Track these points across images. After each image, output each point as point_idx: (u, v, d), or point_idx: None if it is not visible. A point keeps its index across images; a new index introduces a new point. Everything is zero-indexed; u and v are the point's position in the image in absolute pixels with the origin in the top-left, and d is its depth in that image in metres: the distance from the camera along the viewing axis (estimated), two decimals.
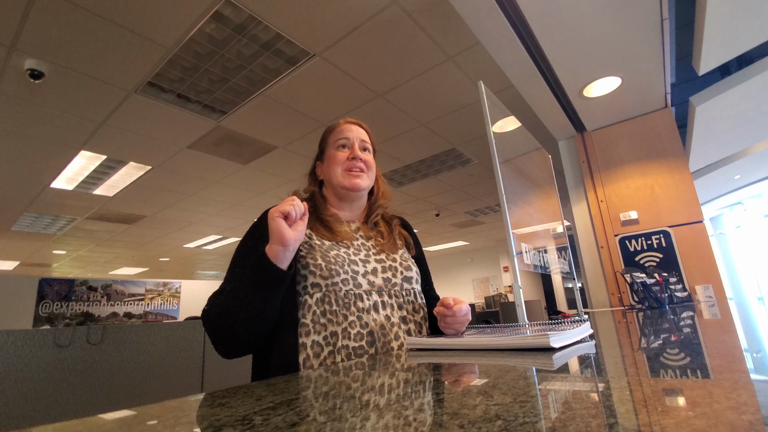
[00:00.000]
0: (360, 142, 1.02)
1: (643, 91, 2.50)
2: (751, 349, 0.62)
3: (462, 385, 0.44)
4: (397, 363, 0.64)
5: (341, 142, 1.01)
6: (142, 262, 9.06)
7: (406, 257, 1.01)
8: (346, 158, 0.99)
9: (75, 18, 2.07)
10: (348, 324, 0.83)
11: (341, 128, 1.03)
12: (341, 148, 1.01)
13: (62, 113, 2.91)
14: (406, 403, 0.36)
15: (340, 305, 0.84)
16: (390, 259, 0.97)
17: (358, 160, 0.98)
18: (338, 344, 0.80)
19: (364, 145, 1.03)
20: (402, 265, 0.97)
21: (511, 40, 1.98)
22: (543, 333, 0.60)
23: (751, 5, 1.80)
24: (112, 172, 4.02)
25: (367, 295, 0.87)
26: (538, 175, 1.87)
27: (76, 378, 1.67)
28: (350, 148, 1.00)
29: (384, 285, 0.91)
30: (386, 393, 0.41)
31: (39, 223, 5.59)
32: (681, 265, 2.44)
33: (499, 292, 9.88)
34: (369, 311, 0.86)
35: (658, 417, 0.27)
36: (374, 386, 0.46)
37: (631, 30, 1.94)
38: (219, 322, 0.77)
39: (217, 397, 0.44)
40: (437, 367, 0.56)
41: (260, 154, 3.88)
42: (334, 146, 1.01)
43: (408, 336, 0.88)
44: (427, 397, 0.38)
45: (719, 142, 3.68)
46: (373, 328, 0.84)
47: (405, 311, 0.92)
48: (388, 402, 0.37)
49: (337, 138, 1.02)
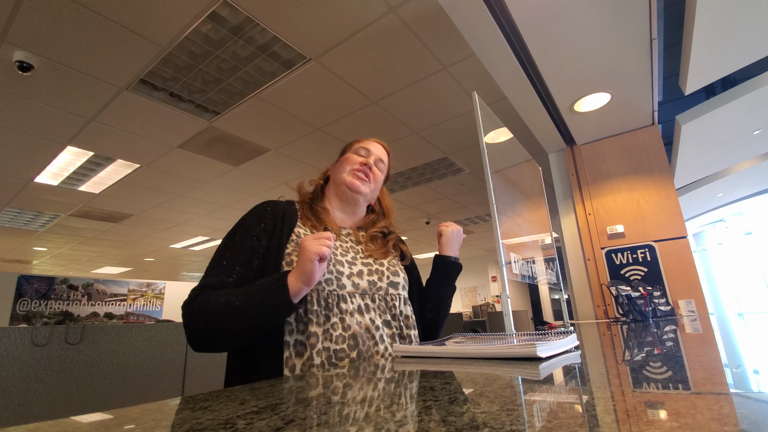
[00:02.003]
0: (378, 158, 1.07)
1: (632, 108, 2.56)
2: (731, 364, 0.63)
3: (449, 392, 0.44)
4: (383, 370, 0.63)
5: (361, 151, 1.06)
6: (125, 262, 8.89)
7: (395, 263, 1.01)
8: (359, 161, 1.02)
9: (68, 12, 2.05)
10: (330, 325, 0.81)
11: (368, 142, 1.09)
12: (360, 152, 1.06)
13: (50, 107, 2.86)
14: (393, 409, 0.36)
15: (321, 305, 0.82)
16: (377, 263, 0.96)
17: (368, 167, 1.02)
18: (318, 346, 0.78)
19: (380, 163, 1.08)
20: (389, 270, 0.96)
21: (506, 53, 2.01)
22: (530, 343, 0.61)
23: (736, 29, 1.87)
24: (99, 168, 3.95)
25: (351, 297, 0.86)
26: (529, 187, 1.89)
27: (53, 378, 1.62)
28: (368, 156, 1.05)
29: (369, 288, 0.90)
30: (373, 400, 0.41)
31: (21, 219, 5.45)
32: (665, 279, 2.48)
33: (487, 301, 9.91)
34: (353, 314, 0.84)
35: (643, 427, 0.27)
36: (360, 393, 0.46)
37: (622, 49, 1.99)
38: (207, 328, 0.74)
39: (198, 401, 0.43)
40: (424, 375, 0.56)
41: (252, 156, 3.86)
42: (353, 151, 1.06)
43: (392, 341, 0.87)
44: (414, 404, 0.38)
45: (703, 160, 3.78)
46: (357, 331, 0.82)
47: (389, 316, 0.90)
48: (374, 409, 0.36)
49: (359, 146, 1.07)
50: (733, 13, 1.76)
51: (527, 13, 1.77)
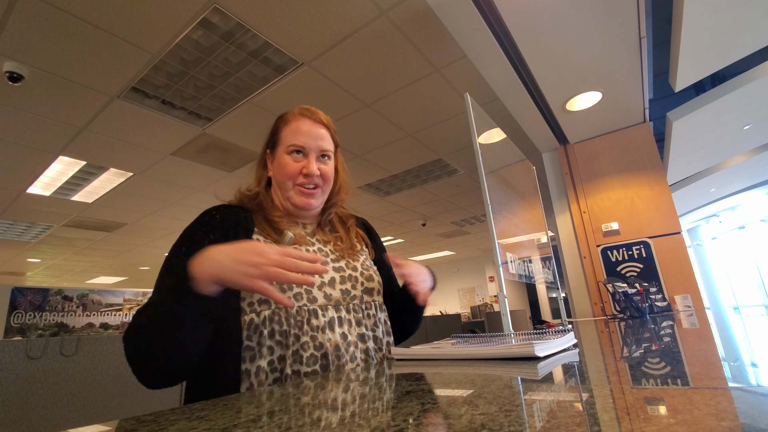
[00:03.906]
0: (318, 151, 0.86)
1: (623, 106, 2.58)
2: (728, 358, 0.63)
3: (447, 394, 0.44)
4: (380, 374, 0.63)
5: (295, 148, 0.85)
6: (120, 271, 8.81)
7: (368, 265, 0.91)
8: (299, 171, 0.84)
9: (58, 21, 2.04)
10: (300, 345, 0.72)
11: (297, 128, 0.86)
12: (295, 154, 0.85)
13: (41, 117, 2.84)
14: (392, 412, 0.35)
15: (291, 324, 0.73)
16: (350, 268, 0.86)
17: (313, 177, 0.84)
18: (286, 370, 0.69)
19: (322, 152, 0.87)
20: (363, 275, 0.86)
21: (497, 54, 2.02)
22: (528, 342, 0.61)
23: (724, 26, 1.89)
24: (91, 178, 3.92)
25: (322, 311, 0.76)
26: (523, 186, 1.90)
27: (48, 391, 1.60)
28: (306, 158, 0.85)
29: (342, 298, 0.81)
30: (371, 402, 0.40)
31: (13, 230, 5.39)
32: (660, 275, 2.50)
33: (485, 301, 9.93)
34: (324, 330, 0.74)
35: (641, 425, 0.27)
36: (357, 396, 0.45)
37: (611, 47, 2.01)
38: (141, 342, 0.63)
39: (195, 410, 0.42)
40: (422, 377, 0.55)
41: (246, 162, 3.85)
42: (287, 149, 0.85)
43: (365, 357, 0.79)
44: (412, 406, 0.38)
45: (695, 156, 3.81)
46: (328, 349, 0.73)
47: (364, 327, 0.81)
48: (373, 412, 0.36)
49: (290, 141, 0.85)
50: (721, 11, 1.78)
51: (517, 14, 1.78)
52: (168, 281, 0.69)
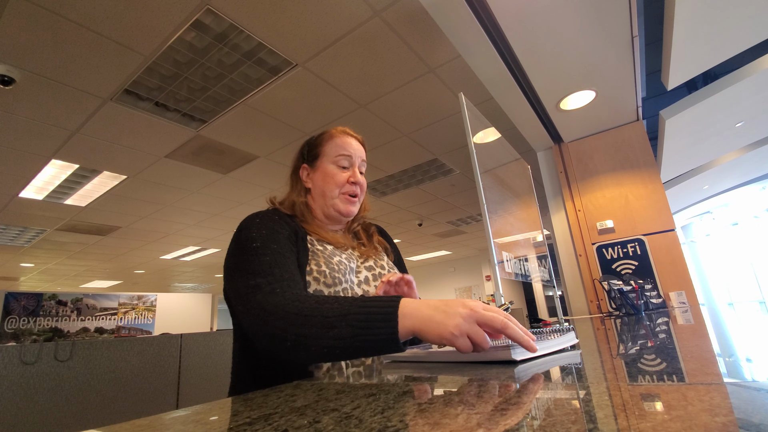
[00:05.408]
0: (361, 162, 0.97)
1: (616, 105, 2.59)
2: (723, 353, 0.64)
3: (443, 395, 0.44)
4: (374, 376, 0.63)
5: (343, 160, 0.93)
6: (115, 275, 8.75)
7: (392, 265, 1.01)
8: (347, 181, 0.93)
9: (49, 23, 2.02)
10: None
11: (344, 141, 0.95)
12: (342, 167, 0.94)
13: (33, 121, 2.82)
14: (386, 415, 0.35)
15: None
16: (378, 266, 0.94)
17: (357, 186, 0.94)
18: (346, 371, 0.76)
19: (363, 165, 0.98)
20: (390, 273, 0.95)
21: (491, 54, 2.03)
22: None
23: (716, 24, 1.91)
24: (84, 181, 3.88)
25: None
26: (518, 185, 1.90)
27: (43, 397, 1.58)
28: (351, 168, 0.94)
29: None
30: (364, 405, 0.40)
31: (6, 235, 5.34)
32: (655, 272, 2.51)
33: (482, 301, 9.94)
34: None
35: (636, 421, 0.27)
36: (353, 398, 0.45)
37: (604, 46, 2.02)
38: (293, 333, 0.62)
39: (190, 414, 0.42)
40: (419, 379, 0.55)
41: (241, 164, 3.83)
42: (334, 161, 0.93)
43: None
44: (407, 407, 0.38)
45: (688, 153, 3.84)
46: None
47: None
48: (368, 414, 0.36)
49: (338, 152, 0.94)
50: (712, 9, 1.80)
51: (510, 13, 1.79)
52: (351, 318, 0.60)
